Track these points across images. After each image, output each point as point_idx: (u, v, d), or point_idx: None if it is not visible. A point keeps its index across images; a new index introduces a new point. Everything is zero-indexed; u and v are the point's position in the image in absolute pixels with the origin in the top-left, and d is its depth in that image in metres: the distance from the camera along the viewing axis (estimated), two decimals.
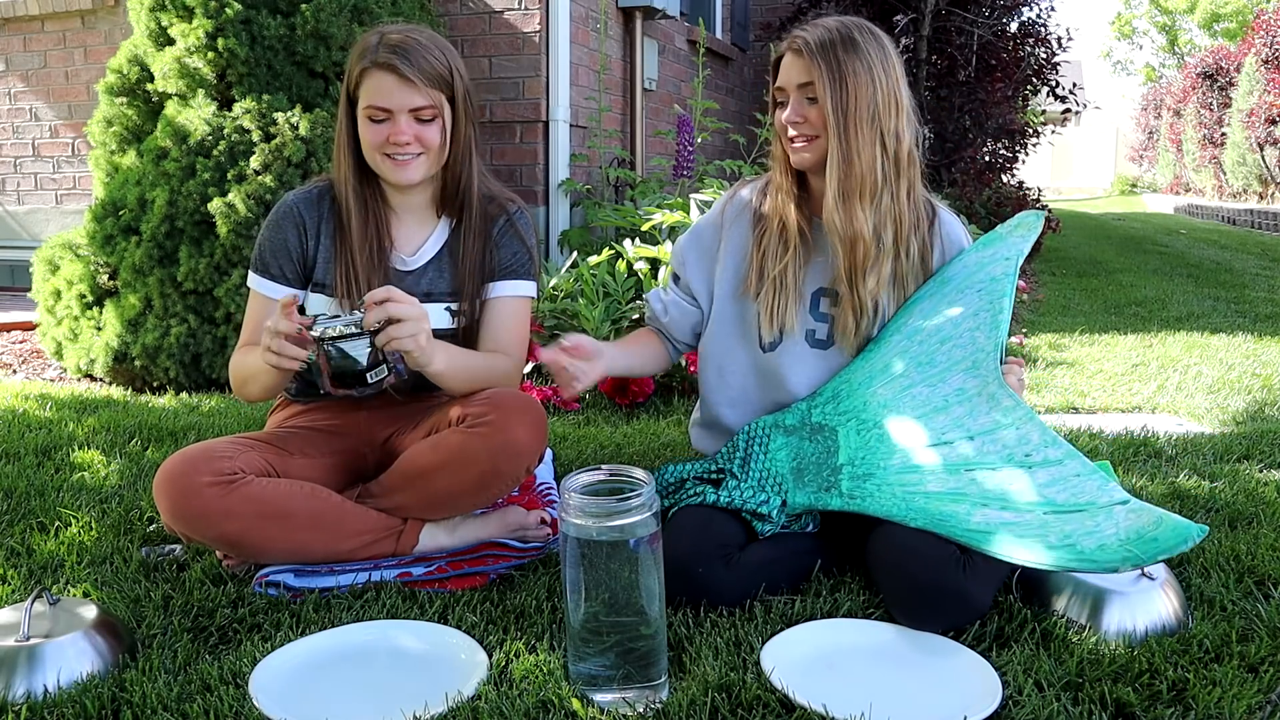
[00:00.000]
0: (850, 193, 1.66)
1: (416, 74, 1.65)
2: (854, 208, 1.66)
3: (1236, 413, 2.79)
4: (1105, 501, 1.34)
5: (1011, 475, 1.44)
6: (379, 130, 1.68)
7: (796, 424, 1.71)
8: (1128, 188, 23.61)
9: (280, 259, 1.77)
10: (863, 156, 1.64)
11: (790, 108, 1.69)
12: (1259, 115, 12.10)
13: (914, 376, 1.62)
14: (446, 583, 1.65)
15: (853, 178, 1.65)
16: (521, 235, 1.84)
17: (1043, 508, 1.38)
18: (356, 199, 1.75)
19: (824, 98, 1.64)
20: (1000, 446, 1.46)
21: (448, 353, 1.66)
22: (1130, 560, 1.31)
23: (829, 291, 1.75)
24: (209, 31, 3.19)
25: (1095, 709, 1.24)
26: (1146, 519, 1.32)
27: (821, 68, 1.64)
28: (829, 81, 1.64)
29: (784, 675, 1.29)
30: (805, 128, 1.68)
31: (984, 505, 1.44)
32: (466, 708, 1.24)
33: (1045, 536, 1.37)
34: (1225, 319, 4.45)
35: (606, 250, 3.48)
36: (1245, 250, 8.05)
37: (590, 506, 1.24)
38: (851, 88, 1.63)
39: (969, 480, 1.47)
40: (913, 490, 1.52)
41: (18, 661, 1.30)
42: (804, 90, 1.67)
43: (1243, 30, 19.61)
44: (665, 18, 5.21)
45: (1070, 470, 1.39)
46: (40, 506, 2.01)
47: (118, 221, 3.23)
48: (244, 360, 1.72)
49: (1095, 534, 1.33)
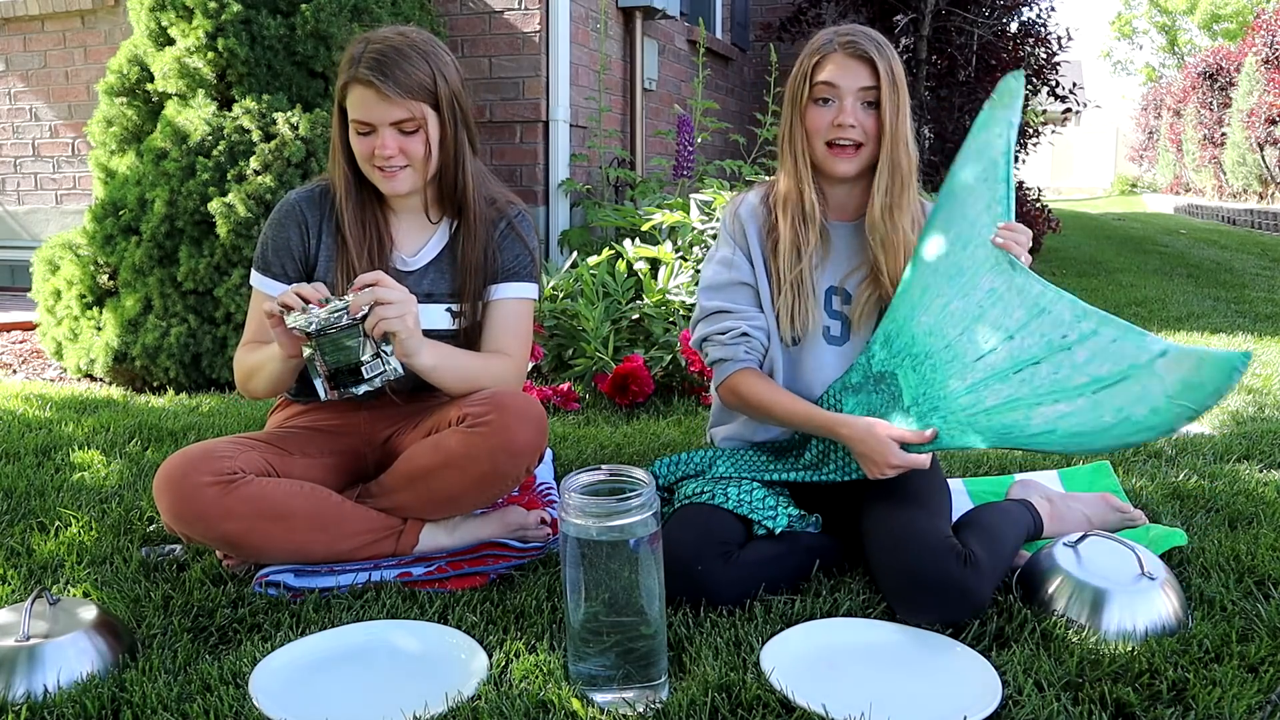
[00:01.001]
0: (897, 199, 1.68)
1: (394, 89, 1.64)
2: (897, 213, 1.68)
3: (1236, 413, 2.79)
4: (1146, 360, 1.34)
5: (1056, 362, 1.44)
6: (365, 142, 1.69)
7: (861, 380, 1.70)
8: (1128, 188, 23.60)
9: (282, 257, 1.77)
10: (903, 163, 1.67)
11: (846, 112, 1.65)
12: (1259, 115, 12.09)
13: (947, 292, 1.61)
14: (446, 583, 1.65)
15: (897, 184, 1.67)
16: (523, 237, 1.84)
17: (1091, 388, 1.38)
18: (353, 202, 1.75)
19: (887, 105, 1.64)
20: (1039, 337, 1.47)
21: (437, 349, 1.67)
22: (1184, 414, 1.31)
23: (839, 290, 1.76)
24: (209, 31, 3.19)
25: (1095, 709, 1.24)
26: (1188, 365, 1.31)
27: (885, 77, 1.64)
28: (890, 91, 1.64)
29: (784, 675, 1.29)
30: (856, 133, 1.66)
31: (1038, 404, 1.44)
32: (466, 708, 1.24)
33: (1100, 417, 1.37)
34: (1225, 319, 4.45)
35: (606, 250, 3.48)
36: (1245, 250, 8.05)
37: (590, 506, 1.24)
38: (902, 97, 1.66)
39: (1019, 382, 1.47)
40: (974, 413, 1.52)
41: (18, 661, 1.30)
42: (864, 94, 1.66)
43: (1243, 30, 19.61)
44: (665, 18, 5.21)
45: (1107, 338, 1.39)
46: (40, 506, 2.01)
47: (118, 221, 3.23)
48: (248, 355, 1.73)
49: (1145, 400, 1.33)
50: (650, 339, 3.14)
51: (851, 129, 1.66)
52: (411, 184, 1.73)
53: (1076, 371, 1.41)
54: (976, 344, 1.54)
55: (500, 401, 1.64)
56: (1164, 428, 1.33)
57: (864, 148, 1.67)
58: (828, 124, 1.67)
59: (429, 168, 1.73)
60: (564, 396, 2.90)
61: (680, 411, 2.86)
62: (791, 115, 1.72)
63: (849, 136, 1.66)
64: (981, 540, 1.54)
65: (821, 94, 1.67)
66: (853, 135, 1.66)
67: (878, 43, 1.67)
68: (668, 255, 3.28)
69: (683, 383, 3.04)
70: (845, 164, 1.68)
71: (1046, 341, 1.45)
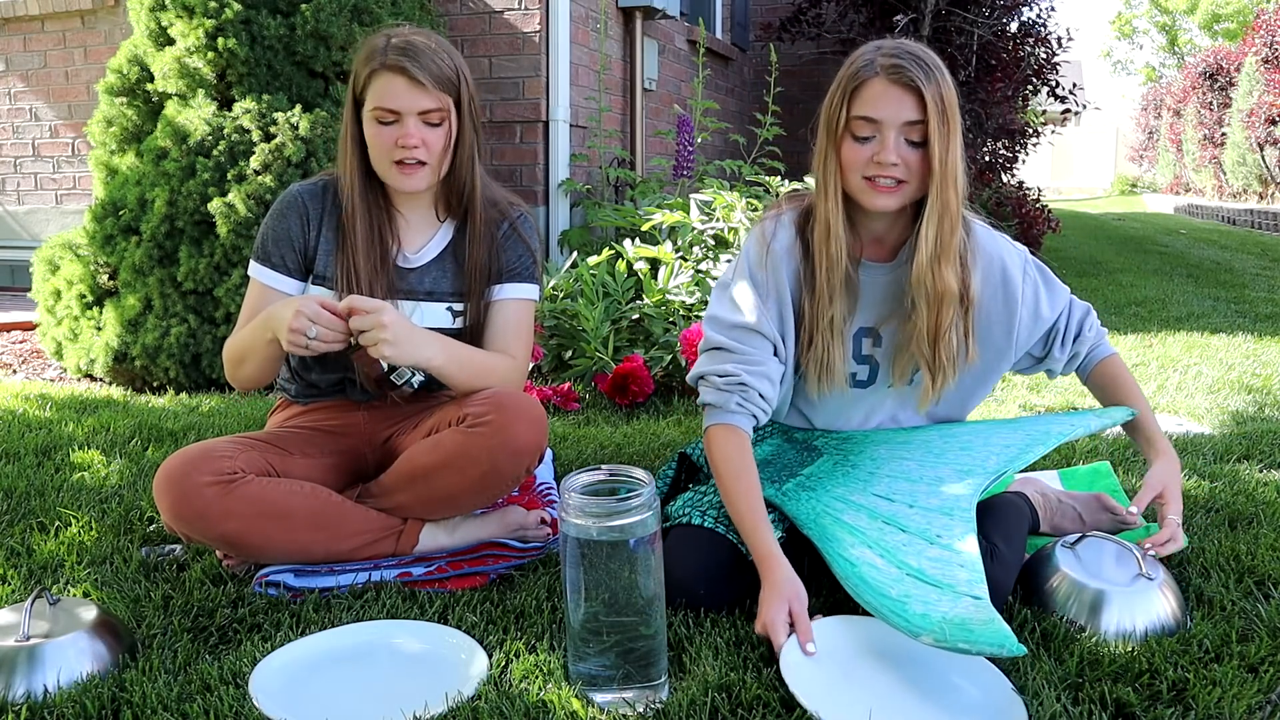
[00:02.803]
0: (945, 248, 1.53)
1: (426, 76, 1.65)
2: (944, 264, 1.53)
3: (1236, 413, 2.79)
4: (963, 590, 1.35)
5: (910, 540, 1.45)
6: (387, 133, 1.68)
7: (800, 439, 1.74)
8: (1128, 188, 23.60)
9: (282, 248, 1.77)
10: (953, 203, 1.51)
11: (889, 148, 1.49)
12: (1259, 115, 12.09)
13: (915, 453, 1.63)
14: (446, 583, 1.65)
15: (945, 231, 1.52)
16: (525, 239, 1.85)
17: (908, 569, 1.40)
18: (361, 200, 1.75)
19: (937, 144, 1.47)
20: (926, 521, 1.48)
21: (443, 346, 1.67)
22: (935, 636, 1.28)
23: (871, 331, 1.67)
24: (209, 31, 3.19)
25: (1095, 709, 1.24)
26: (980, 615, 1.30)
27: (934, 109, 1.46)
28: (938, 124, 1.47)
29: (788, 675, 1.28)
30: (899, 171, 1.50)
31: (868, 547, 1.46)
32: (466, 708, 1.24)
33: (890, 588, 1.37)
34: (1225, 319, 4.45)
35: (606, 250, 3.48)
36: (1245, 250, 8.05)
37: (590, 506, 1.24)
38: (953, 129, 1.48)
39: (875, 527, 1.49)
40: (826, 511, 1.54)
41: (18, 661, 1.30)
42: (909, 130, 1.49)
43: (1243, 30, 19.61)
44: (665, 18, 5.21)
45: (960, 560, 1.40)
46: (40, 506, 2.01)
47: (118, 221, 3.23)
48: (239, 337, 1.72)
49: (928, 604, 1.33)
50: (650, 339, 3.14)
51: (894, 167, 1.50)
52: (428, 181, 1.73)
53: (917, 556, 1.41)
54: (887, 487, 1.56)
55: (500, 401, 1.64)
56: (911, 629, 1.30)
57: (905, 185, 1.52)
58: (866, 159, 1.51)
59: (444, 165, 1.73)
60: (564, 396, 2.90)
61: (680, 411, 2.86)
62: (826, 143, 1.55)
63: (891, 175, 1.50)
64: (1000, 532, 1.55)
65: (860, 131, 1.51)
66: (895, 173, 1.50)
67: (926, 66, 1.47)
68: (668, 255, 3.28)
69: (683, 383, 3.04)
70: (885, 199, 1.53)
71: (924, 526, 1.46)
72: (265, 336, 1.63)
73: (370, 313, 1.55)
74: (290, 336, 1.54)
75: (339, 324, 1.56)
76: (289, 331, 1.54)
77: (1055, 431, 1.65)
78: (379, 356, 1.57)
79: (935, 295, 1.55)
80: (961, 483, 1.52)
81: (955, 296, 1.56)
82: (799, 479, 1.65)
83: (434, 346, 1.64)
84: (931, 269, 1.53)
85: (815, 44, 7.44)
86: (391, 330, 1.56)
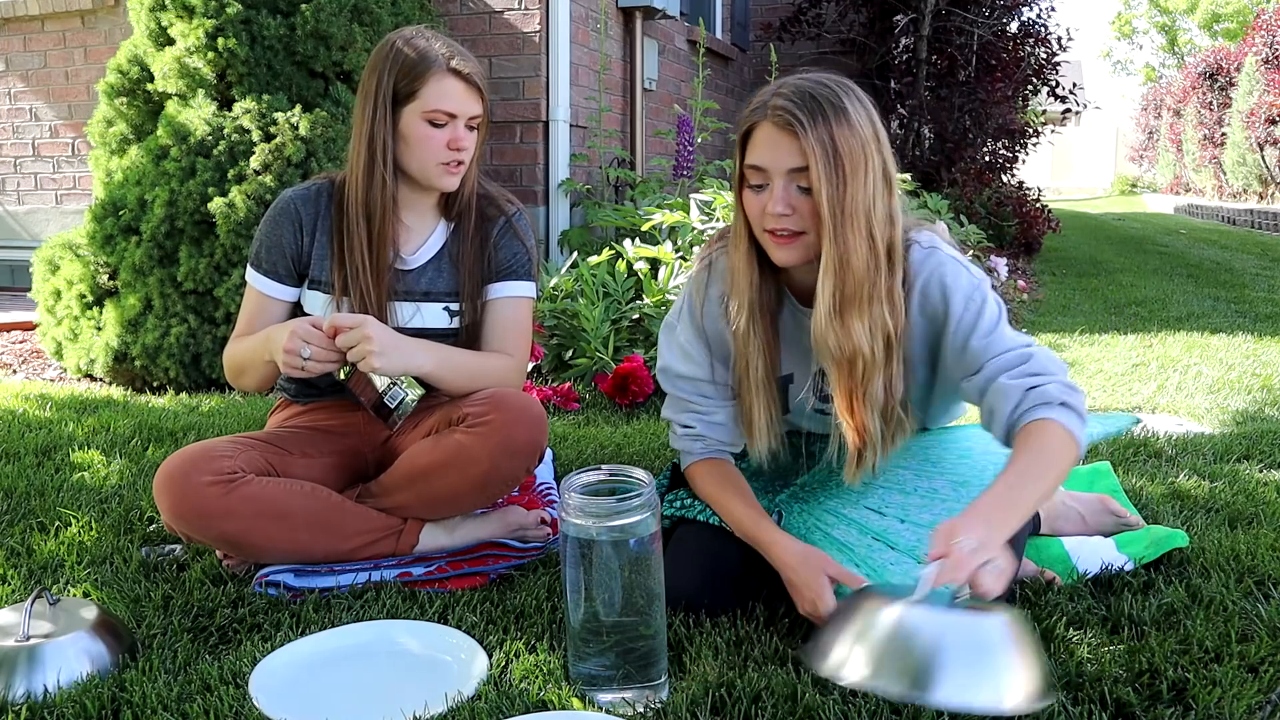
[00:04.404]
0: (848, 302, 1.36)
1: (479, 81, 1.71)
2: (849, 319, 1.37)
3: (1236, 413, 2.79)
4: None
5: (899, 559, 1.44)
6: (440, 134, 1.69)
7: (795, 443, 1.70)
8: (1128, 188, 23.60)
9: (275, 255, 1.77)
10: (859, 255, 1.35)
11: (776, 197, 1.36)
12: (1259, 115, 12.09)
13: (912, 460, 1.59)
14: (446, 583, 1.65)
15: (850, 284, 1.36)
16: (520, 236, 1.84)
17: None
18: (375, 203, 1.74)
19: (822, 191, 1.32)
20: (916, 538, 1.47)
21: (433, 352, 1.68)
22: None
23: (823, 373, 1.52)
24: (209, 31, 3.19)
25: (1095, 709, 1.24)
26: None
27: (818, 153, 1.32)
28: (825, 170, 1.32)
29: None
30: (793, 221, 1.37)
31: (855, 565, 1.45)
32: (466, 708, 1.24)
33: None
34: (1225, 319, 4.45)
35: (606, 250, 3.48)
36: (1245, 250, 8.05)
37: (590, 506, 1.24)
38: (849, 173, 1.33)
39: (866, 544, 1.48)
40: (816, 526, 1.53)
41: (18, 661, 1.30)
42: (795, 177, 1.35)
43: (1243, 30, 19.61)
44: (665, 18, 5.21)
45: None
46: (40, 506, 2.01)
47: (118, 221, 3.23)
48: (239, 349, 1.73)
49: None
50: (650, 339, 3.14)
51: (785, 218, 1.37)
52: (459, 181, 1.76)
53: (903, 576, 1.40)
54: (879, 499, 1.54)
55: (500, 401, 1.64)
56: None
57: (804, 236, 1.38)
58: (761, 210, 1.39)
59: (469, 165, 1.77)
60: (564, 396, 2.90)
61: None
62: (735, 191, 1.45)
63: (783, 226, 1.37)
64: None
65: (753, 179, 1.39)
66: (787, 225, 1.37)
67: (816, 108, 1.33)
68: (668, 255, 3.28)
69: None
70: (783, 251, 1.40)
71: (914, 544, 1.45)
72: (263, 357, 1.66)
73: (354, 328, 1.56)
74: (285, 358, 1.56)
75: (333, 343, 1.58)
76: (284, 353, 1.56)
77: None
78: (369, 370, 1.58)
79: (843, 355, 1.39)
80: (957, 499, 1.50)
81: (869, 356, 1.39)
82: (792, 489, 1.65)
83: (423, 353, 1.65)
84: (832, 327, 1.37)
85: (815, 44, 7.45)
86: (377, 341, 1.57)
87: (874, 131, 1.37)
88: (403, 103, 1.69)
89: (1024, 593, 1.57)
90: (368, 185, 1.72)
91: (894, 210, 1.39)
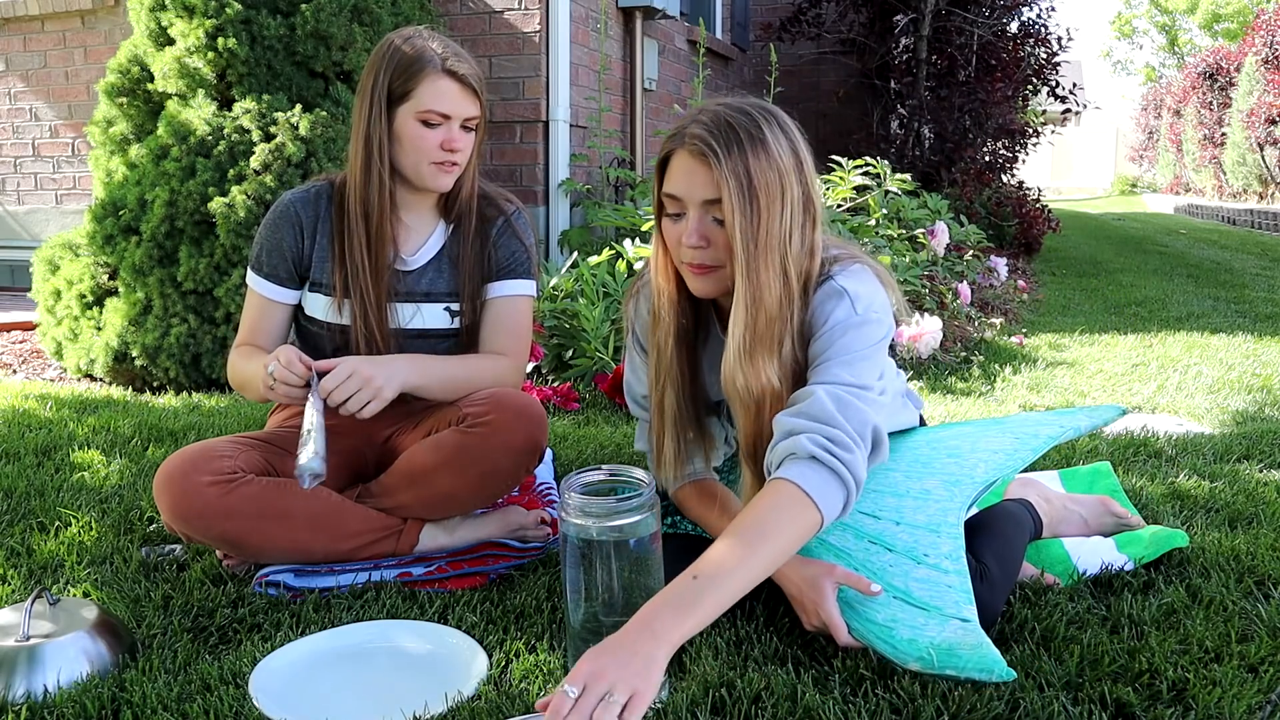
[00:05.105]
0: (758, 341, 1.31)
1: (475, 83, 1.70)
2: (759, 358, 1.32)
3: (1236, 413, 2.79)
4: (950, 612, 1.33)
5: (897, 560, 1.43)
6: (434, 135, 1.69)
7: None
8: (1128, 188, 23.61)
9: (275, 259, 1.77)
10: (771, 291, 1.30)
11: (691, 229, 1.32)
12: (1259, 115, 12.09)
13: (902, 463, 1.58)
14: (446, 583, 1.65)
15: (761, 321, 1.31)
16: (519, 235, 1.84)
17: (895, 591, 1.38)
18: (372, 202, 1.74)
19: (735, 224, 1.28)
20: (913, 539, 1.46)
21: (416, 368, 1.67)
22: (923, 663, 1.29)
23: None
24: (209, 31, 3.19)
25: (1095, 709, 1.24)
26: (968, 639, 1.30)
27: (731, 185, 1.27)
28: (739, 203, 1.27)
29: None
30: (708, 254, 1.33)
31: (854, 569, 1.44)
32: (466, 708, 1.24)
33: (877, 612, 1.36)
34: (1225, 319, 4.45)
35: (606, 250, 3.49)
36: (1245, 250, 8.05)
37: (590, 506, 1.24)
38: (764, 206, 1.28)
39: (863, 547, 1.47)
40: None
41: (18, 661, 1.30)
42: (709, 208, 1.31)
43: (1243, 30, 19.61)
44: (665, 18, 5.21)
45: (947, 580, 1.38)
46: (40, 506, 2.01)
47: (118, 221, 3.23)
48: (242, 366, 1.73)
49: (915, 629, 1.32)
50: None
51: (699, 250, 1.33)
52: (454, 182, 1.76)
53: (903, 577, 1.40)
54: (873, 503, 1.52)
55: (500, 401, 1.64)
56: (898, 656, 1.31)
57: (721, 269, 1.34)
58: (677, 239, 1.35)
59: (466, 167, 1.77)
60: (564, 396, 2.90)
61: None
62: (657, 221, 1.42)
63: (697, 260, 1.34)
64: (994, 549, 1.51)
65: (670, 208, 1.36)
66: (702, 258, 1.34)
67: (730, 137, 1.28)
68: None
69: None
70: (700, 283, 1.37)
71: (911, 545, 1.44)
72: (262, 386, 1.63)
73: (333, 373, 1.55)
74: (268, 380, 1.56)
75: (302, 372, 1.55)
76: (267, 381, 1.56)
77: (1044, 434, 1.60)
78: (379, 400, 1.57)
79: (751, 398, 1.34)
80: (951, 498, 1.51)
81: (775, 394, 1.33)
82: None
83: (406, 370, 1.64)
84: (740, 368, 1.32)
85: (815, 44, 7.46)
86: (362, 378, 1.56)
87: (795, 161, 1.32)
88: (397, 102, 1.68)
89: (1024, 593, 1.57)
90: (365, 184, 1.72)
91: (814, 243, 1.35)
